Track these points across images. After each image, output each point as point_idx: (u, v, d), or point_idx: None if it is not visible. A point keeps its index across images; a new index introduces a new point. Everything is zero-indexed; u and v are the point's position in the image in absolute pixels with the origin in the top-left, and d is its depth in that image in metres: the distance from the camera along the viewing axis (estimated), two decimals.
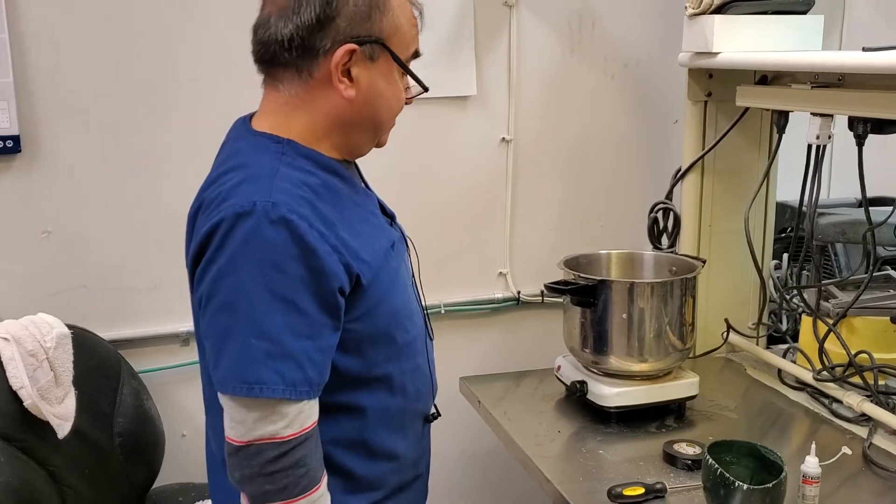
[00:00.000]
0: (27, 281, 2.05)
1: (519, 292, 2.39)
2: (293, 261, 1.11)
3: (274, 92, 1.25)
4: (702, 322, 2.24)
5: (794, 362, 2.08)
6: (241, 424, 1.13)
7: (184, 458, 2.21)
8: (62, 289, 2.08)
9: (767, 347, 2.26)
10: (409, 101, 1.30)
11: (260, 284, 1.10)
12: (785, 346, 2.16)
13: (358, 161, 1.37)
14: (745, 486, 1.37)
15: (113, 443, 1.98)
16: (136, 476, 2.04)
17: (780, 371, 2.10)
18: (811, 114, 1.82)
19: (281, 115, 1.24)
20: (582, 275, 1.87)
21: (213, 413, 1.27)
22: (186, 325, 2.16)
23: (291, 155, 1.21)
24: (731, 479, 1.37)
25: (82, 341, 1.93)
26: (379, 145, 1.33)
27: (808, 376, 1.98)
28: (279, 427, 1.12)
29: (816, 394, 1.98)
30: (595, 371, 1.91)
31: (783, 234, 2.35)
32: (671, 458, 1.67)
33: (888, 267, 2.12)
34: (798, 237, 2.13)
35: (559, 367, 2.01)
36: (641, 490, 1.53)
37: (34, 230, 2.04)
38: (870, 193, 1.85)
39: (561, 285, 1.86)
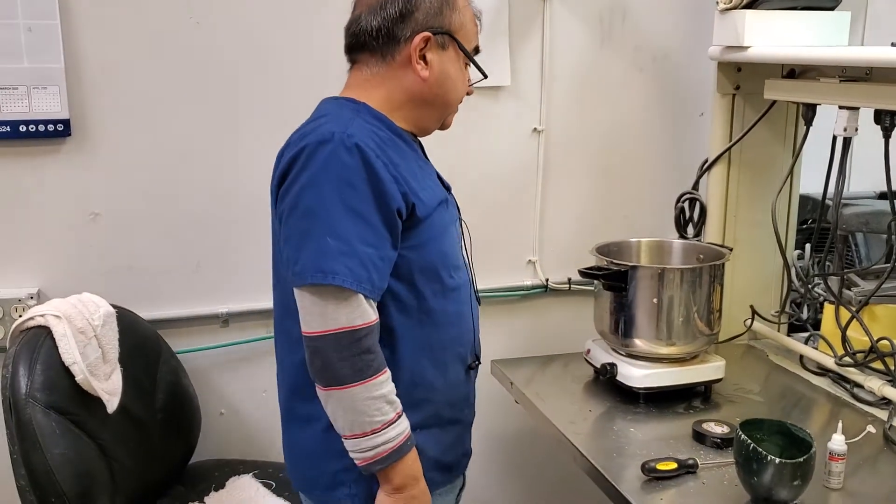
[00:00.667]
0: (75, 261, 2.12)
1: (547, 280, 2.45)
2: (363, 181, 1.34)
3: (357, 72, 1.51)
4: (726, 309, 2.31)
5: (816, 349, 2.14)
6: (318, 316, 1.33)
7: (220, 436, 2.29)
8: (108, 269, 2.14)
9: (788, 335, 2.32)
10: (470, 89, 1.56)
11: (336, 197, 1.33)
12: (806, 334, 2.22)
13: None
14: (778, 460, 1.43)
15: (154, 418, 2.04)
16: (175, 451, 2.11)
17: (801, 357, 2.17)
18: (839, 107, 1.88)
19: (361, 89, 1.49)
20: (615, 261, 1.93)
21: (285, 355, 1.51)
22: (226, 306, 2.24)
23: (366, 114, 1.45)
24: (764, 453, 1.44)
25: (124, 321, 2.00)
26: (444, 127, 1.57)
27: (829, 362, 2.04)
28: (351, 317, 1.33)
29: (838, 379, 2.04)
30: (624, 354, 1.98)
31: (804, 226, 2.41)
32: (700, 437, 1.74)
33: None
34: (821, 227, 2.18)
35: (588, 351, 2.07)
36: (674, 465, 1.60)
37: (82, 212, 2.11)
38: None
39: (594, 270, 1.92)
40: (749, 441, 1.47)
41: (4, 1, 1.97)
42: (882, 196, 2.22)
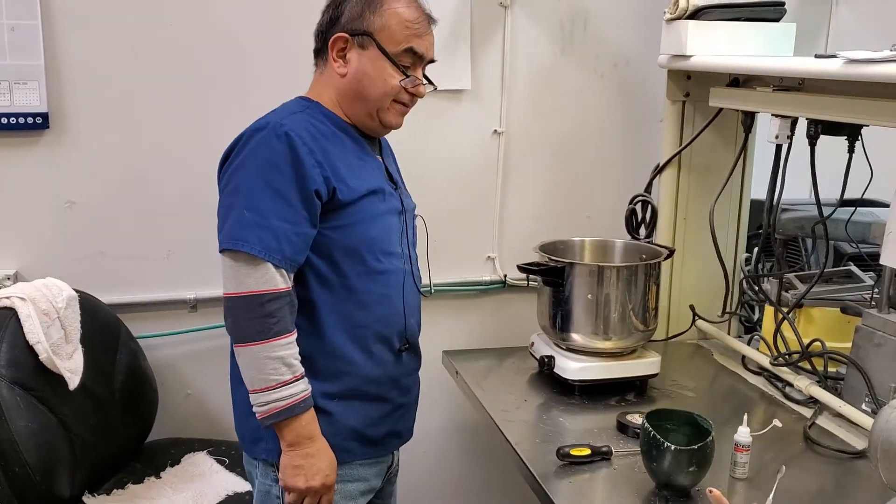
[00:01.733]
0: (51, 246, 2.24)
1: (506, 276, 2.54)
2: (286, 164, 1.51)
3: (315, 73, 1.70)
4: (675, 308, 2.39)
5: (758, 350, 2.21)
6: (232, 279, 1.51)
7: (181, 416, 2.41)
8: (82, 255, 2.27)
9: (739, 336, 2.39)
10: (416, 90, 1.65)
11: (259, 177, 1.51)
12: (751, 336, 2.29)
13: None
14: (674, 447, 1.51)
15: (113, 397, 2.16)
16: (132, 429, 2.23)
17: (744, 357, 2.24)
18: (772, 115, 1.95)
19: (316, 89, 1.69)
20: (552, 258, 2.01)
21: None
22: (194, 292, 2.35)
23: (314, 110, 1.63)
24: (662, 440, 1.52)
25: (86, 304, 2.12)
26: (385, 124, 1.67)
27: (765, 361, 2.11)
28: (259, 282, 1.49)
29: (773, 378, 2.11)
30: (563, 348, 2.06)
31: (759, 230, 2.47)
32: (623, 427, 1.82)
33: (851, 263, 2.24)
34: (767, 232, 2.25)
35: (532, 344, 2.16)
36: (588, 451, 1.68)
37: (58, 200, 2.24)
38: (857, 195, 2.01)
39: (532, 266, 2.01)
40: (650, 429, 1.55)
41: None
42: (844, 203, 2.28)
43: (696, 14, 2.07)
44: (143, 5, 2.19)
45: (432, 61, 1.69)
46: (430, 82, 1.69)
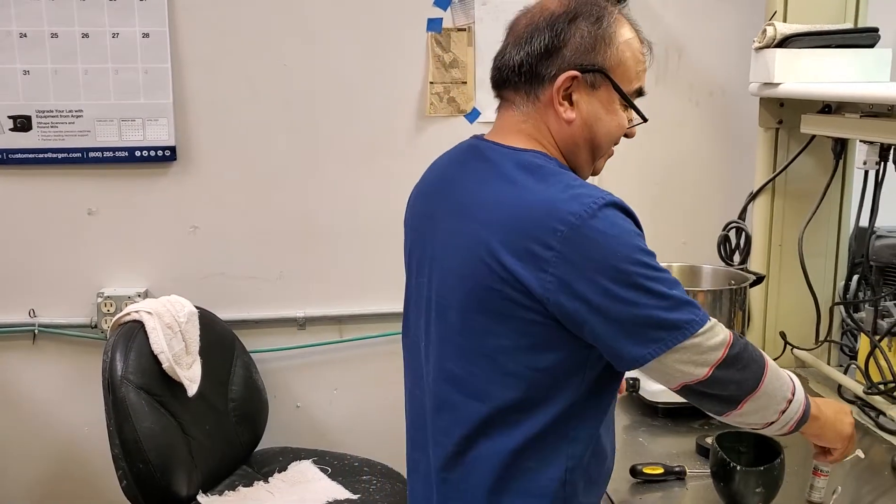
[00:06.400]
0: (177, 267, 2.48)
1: None
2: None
3: (509, 112, 1.37)
4: (770, 334, 2.39)
5: (855, 379, 2.18)
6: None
7: (289, 427, 2.58)
8: (204, 275, 2.49)
9: (840, 365, 2.36)
10: (630, 132, 1.42)
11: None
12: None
13: None
14: (740, 468, 1.54)
15: (227, 406, 2.35)
16: (244, 437, 2.41)
17: (839, 386, 2.21)
18: (860, 141, 1.95)
19: (525, 135, 1.35)
20: None
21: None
22: (303, 311, 2.53)
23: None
24: (729, 460, 1.55)
25: (205, 319, 2.32)
26: (595, 172, 1.43)
27: (859, 390, 2.08)
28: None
29: (866, 406, 2.07)
30: None
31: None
32: (702, 450, 1.85)
33: None
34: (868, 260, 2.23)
35: None
36: (661, 470, 1.73)
37: (184, 226, 2.47)
38: None
39: None
40: (718, 449, 1.58)
41: (128, 48, 2.35)
42: None
43: (784, 42, 2.09)
44: (263, 49, 2.41)
45: None
46: (642, 116, 1.41)
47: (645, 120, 1.40)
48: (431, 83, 2.48)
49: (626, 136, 1.41)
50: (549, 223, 1.22)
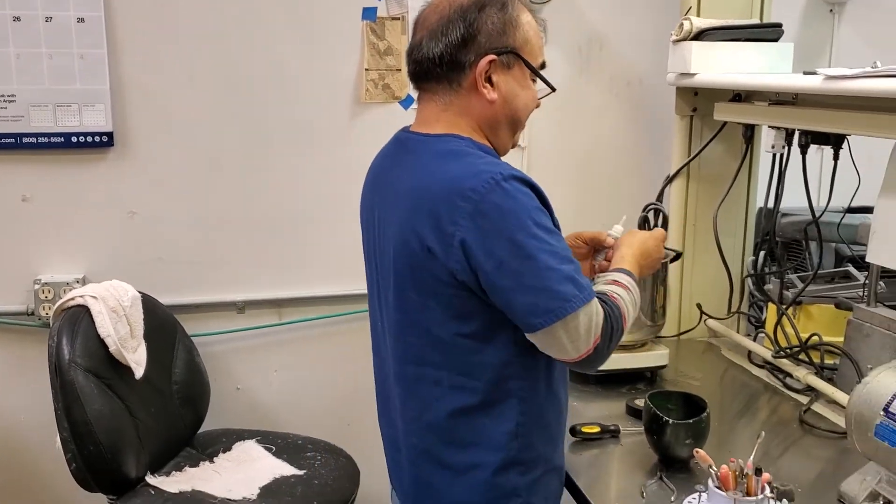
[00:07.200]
0: (115, 252, 2.49)
1: None
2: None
3: (431, 103, 1.48)
4: (686, 306, 2.57)
5: (763, 345, 2.38)
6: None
7: (230, 408, 2.63)
8: (143, 260, 2.51)
9: (748, 334, 2.56)
10: (539, 102, 1.55)
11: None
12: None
13: None
14: (671, 422, 1.69)
15: (171, 389, 2.39)
16: (187, 418, 2.45)
17: (749, 352, 2.40)
18: (767, 126, 2.14)
19: (446, 120, 1.46)
20: None
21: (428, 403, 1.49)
22: (242, 295, 2.58)
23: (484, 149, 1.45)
24: (661, 416, 1.70)
25: (147, 305, 2.35)
26: (513, 145, 1.56)
27: (768, 355, 2.28)
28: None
29: (775, 370, 2.27)
30: None
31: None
32: (632, 411, 2.00)
33: (850, 264, 2.40)
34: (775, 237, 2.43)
35: None
36: (598, 429, 1.87)
37: (122, 211, 2.48)
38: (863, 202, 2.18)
39: None
40: (652, 406, 1.73)
41: (63, 33, 2.35)
42: (850, 210, 2.44)
43: (700, 35, 2.27)
44: (201, 34, 2.44)
45: None
46: (550, 86, 1.53)
47: (553, 89, 1.53)
48: (367, 70, 2.56)
49: (536, 107, 1.54)
50: (454, 200, 1.34)
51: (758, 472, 1.42)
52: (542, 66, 1.52)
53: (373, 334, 1.64)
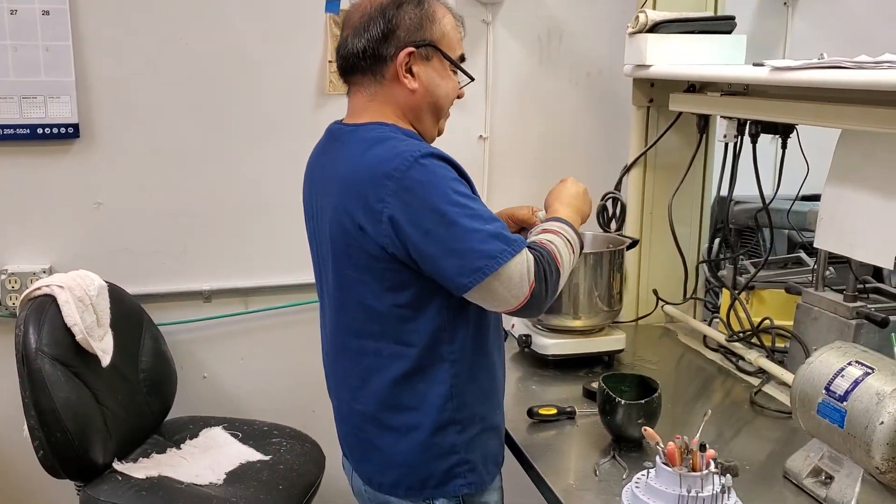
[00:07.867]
0: (81, 243, 2.51)
1: None
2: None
3: (358, 95, 1.61)
4: (643, 292, 2.64)
5: (718, 330, 2.45)
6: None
7: (197, 396, 2.66)
8: (108, 250, 2.53)
9: (704, 320, 2.63)
10: (461, 92, 1.67)
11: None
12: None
13: None
14: (624, 402, 1.76)
15: (138, 377, 2.42)
16: (155, 406, 2.48)
17: (704, 336, 2.48)
18: (720, 117, 2.20)
19: (372, 110, 1.58)
20: None
21: (372, 373, 1.60)
22: (208, 284, 2.61)
23: (408, 134, 1.57)
24: (614, 396, 1.76)
25: (114, 294, 2.38)
26: (439, 133, 1.68)
27: (721, 338, 2.35)
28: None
29: (728, 354, 2.35)
30: (540, 328, 2.31)
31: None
32: (588, 393, 2.06)
33: (802, 250, 2.48)
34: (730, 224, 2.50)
35: (513, 325, 2.41)
36: (554, 410, 1.93)
37: (87, 202, 2.51)
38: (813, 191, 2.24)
39: None
40: (605, 388, 1.79)
41: (27, 25, 2.37)
42: (801, 198, 2.51)
43: (655, 28, 2.33)
44: (163, 27, 2.46)
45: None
46: (469, 76, 1.65)
47: (472, 79, 1.65)
48: (330, 62, 2.59)
49: (458, 96, 1.66)
50: (380, 180, 1.45)
51: (702, 448, 1.48)
52: (462, 58, 1.64)
53: (321, 315, 1.74)
